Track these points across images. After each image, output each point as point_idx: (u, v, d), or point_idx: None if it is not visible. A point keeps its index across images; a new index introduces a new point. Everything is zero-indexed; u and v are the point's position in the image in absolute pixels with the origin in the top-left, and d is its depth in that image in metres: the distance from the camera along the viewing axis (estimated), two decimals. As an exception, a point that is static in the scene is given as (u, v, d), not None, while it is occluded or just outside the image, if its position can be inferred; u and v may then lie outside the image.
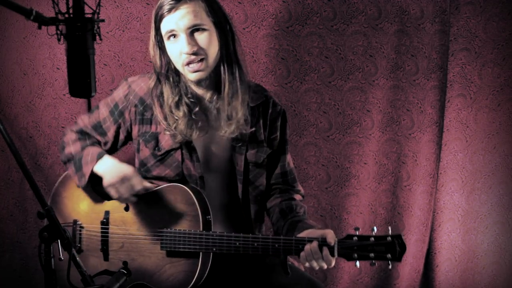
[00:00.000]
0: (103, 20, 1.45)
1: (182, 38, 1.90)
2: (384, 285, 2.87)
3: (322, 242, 1.83)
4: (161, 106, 2.00)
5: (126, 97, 2.04)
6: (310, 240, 1.84)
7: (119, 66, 2.60)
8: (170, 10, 1.89)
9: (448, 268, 2.88)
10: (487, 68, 2.74)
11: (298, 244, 1.85)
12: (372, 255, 1.82)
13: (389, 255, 1.81)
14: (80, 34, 1.40)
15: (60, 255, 1.56)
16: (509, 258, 2.89)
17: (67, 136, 2.14)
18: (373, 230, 1.85)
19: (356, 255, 1.82)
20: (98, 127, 2.09)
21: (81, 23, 1.40)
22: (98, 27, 1.43)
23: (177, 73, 1.99)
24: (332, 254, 1.83)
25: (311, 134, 2.72)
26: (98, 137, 2.11)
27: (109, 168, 1.98)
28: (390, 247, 1.81)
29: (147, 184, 1.97)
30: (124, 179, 1.94)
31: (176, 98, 1.97)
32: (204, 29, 1.91)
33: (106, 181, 1.97)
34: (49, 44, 2.57)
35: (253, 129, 2.04)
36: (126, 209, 2.01)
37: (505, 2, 2.69)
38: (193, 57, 1.90)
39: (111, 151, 2.14)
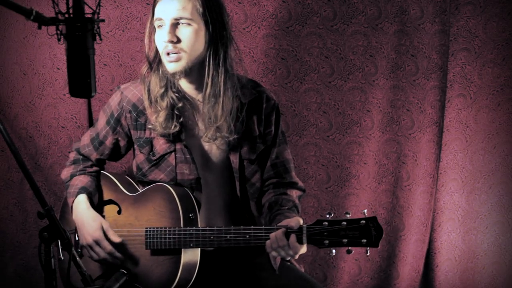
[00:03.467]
0: (103, 20, 1.44)
1: (166, 27, 1.90)
2: (384, 285, 2.87)
3: (290, 229, 1.76)
4: (149, 98, 2.01)
5: (120, 105, 2.05)
6: (278, 228, 1.79)
7: (119, 66, 2.60)
8: None
9: (448, 268, 2.88)
10: (487, 68, 2.74)
11: (268, 233, 1.80)
12: (345, 240, 1.70)
13: (364, 240, 1.69)
14: (80, 34, 1.40)
15: (60, 255, 1.56)
16: (509, 258, 2.89)
17: (70, 155, 2.21)
18: (347, 213, 1.73)
19: (327, 241, 1.71)
20: (95, 138, 2.12)
21: (81, 23, 1.40)
22: (98, 27, 1.43)
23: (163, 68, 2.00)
24: (300, 241, 1.75)
25: (311, 134, 2.72)
26: (94, 154, 2.13)
27: (80, 222, 2.02)
28: (365, 231, 1.68)
29: (116, 239, 1.98)
30: (92, 245, 1.98)
31: (162, 90, 1.98)
32: (189, 24, 1.90)
33: (80, 240, 2.03)
34: (49, 44, 2.57)
35: (235, 137, 2.00)
36: (119, 212, 2.04)
37: (505, 2, 2.69)
38: (170, 47, 1.89)
39: (115, 158, 2.18)
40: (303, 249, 1.79)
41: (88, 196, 2.05)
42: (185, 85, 2.02)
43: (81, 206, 2.03)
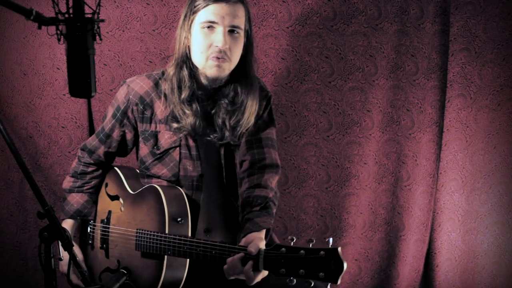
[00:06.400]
0: (103, 20, 1.45)
1: (219, 32, 1.91)
2: (384, 285, 2.87)
3: (249, 256, 1.66)
4: (169, 98, 2.01)
5: (126, 97, 2.06)
6: (239, 250, 1.69)
7: (119, 66, 2.60)
8: (218, 0, 1.91)
9: (448, 268, 2.88)
10: (487, 68, 2.74)
11: (230, 252, 1.72)
12: (301, 271, 1.56)
13: (321, 274, 1.53)
14: (80, 34, 1.40)
15: (60, 255, 1.57)
16: (509, 258, 2.89)
17: (74, 161, 2.22)
18: (309, 241, 1.59)
19: (283, 270, 1.59)
20: (101, 132, 2.13)
21: (81, 23, 1.40)
22: (98, 27, 1.43)
23: (191, 66, 2.00)
24: (256, 268, 1.65)
25: (311, 134, 2.72)
26: (101, 148, 2.14)
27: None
28: (323, 264, 1.53)
29: (75, 280, 2.01)
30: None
31: (191, 92, 1.99)
32: (238, 33, 1.95)
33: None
34: (49, 44, 2.57)
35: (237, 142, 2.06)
36: (122, 209, 2.05)
37: (505, 2, 2.69)
38: (222, 53, 1.92)
39: (122, 153, 2.18)
40: (261, 274, 1.69)
41: (82, 219, 2.14)
42: (209, 85, 2.02)
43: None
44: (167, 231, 1.88)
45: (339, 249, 1.53)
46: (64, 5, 1.40)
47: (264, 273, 1.69)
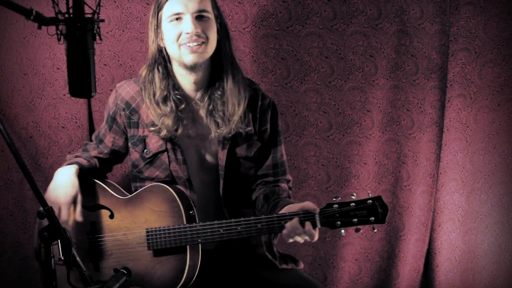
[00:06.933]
0: (103, 20, 1.45)
1: (186, 19, 1.92)
2: (384, 285, 2.87)
3: (304, 217, 1.83)
4: (149, 99, 2.01)
5: (114, 103, 2.08)
6: (292, 216, 1.83)
7: (119, 66, 2.60)
8: None
9: (448, 268, 2.88)
10: (487, 68, 2.74)
11: (280, 220, 1.85)
12: (355, 220, 1.82)
13: (372, 218, 1.81)
14: (80, 34, 1.40)
15: (60, 255, 1.56)
16: (509, 258, 2.89)
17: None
18: (352, 195, 1.85)
19: (339, 222, 1.82)
20: (97, 136, 2.16)
21: (81, 23, 1.40)
22: (98, 27, 1.43)
23: (166, 66, 2.00)
24: (314, 226, 1.83)
25: (311, 134, 2.72)
26: (93, 152, 2.14)
27: (56, 180, 2.01)
28: (372, 210, 1.81)
29: (79, 218, 1.98)
30: (53, 206, 1.93)
31: (164, 93, 1.98)
32: (208, 17, 1.95)
33: (47, 193, 2.01)
34: (49, 44, 2.57)
35: (250, 128, 2.04)
36: (111, 216, 2.02)
37: (505, 2, 2.69)
38: (194, 37, 1.92)
39: (117, 158, 2.18)
40: (317, 232, 1.86)
41: (81, 169, 2.04)
42: (187, 84, 2.02)
43: (67, 170, 2.02)
44: (185, 223, 1.90)
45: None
46: (64, 5, 1.40)
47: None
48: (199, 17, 1.93)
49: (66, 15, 1.40)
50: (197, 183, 2.05)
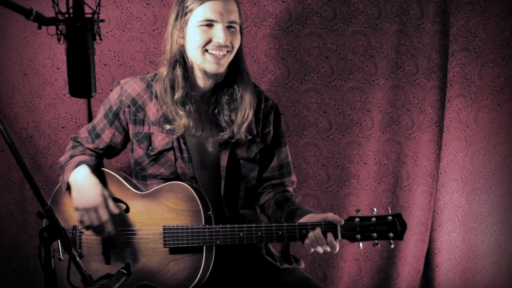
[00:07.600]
0: (103, 20, 1.45)
1: (219, 29, 1.92)
2: (384, 285, 2.87)
3: (326, 228, 1.85)
4: (162, 99, 2.00)
5: (119, 99, 2.06)
6: (313, 226, 1.86)
7: (119, 66, 2.60)
8: None
9: (448, 268, 2.88)
10: (487, 68, 2.74)
11: (302, 229, 1.87)
12: (374, 235, 1.86)
13: (391, 234, 1.85)
14: (80, 34, 1.40)
15: (60, 255, 1.56)
16: (509, 258, 2.89)
17: (68, 145, 2.20)
18: (372, 210, 1.88)
19: (359, 236, 1.86)
20: (92, 131, 2.13)
21: (81, 23, 1.40)
22: (98, 27, 1.43)
23: (185, 67, 2.00)
24: (336, 237, 1.86)
25: (311, 134, 2.72)
26: (90, 145, 2.13)
27: (78, 186, 1.99)
28: (392, 226, 1.85)
29: (115, 210, 1.97)
30: (90, 210, 1.95)
31: (185, 93, 1.99)
32: (235, 28, 1.97)
33: (74, 204, 1.99)
34: (49, 44, 2.57)
35: (254, 134, 2.07)
36: (127, 210, 2.01)
37: (505, 2, 2.69)
38: (223, 47, 1.93)
39: (110, 154, 2.17)
40: (338, 244, 1.89)
41: (89, 167, 2.03)
42: (202, 85, 2.02)
43: (82, 173, 2.00)
44: (203, 223, 1.91)
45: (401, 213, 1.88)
46: (64, 5, 1.40)
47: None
48: (229, 27, 1.95)
49: (66, 15, 1.40)
50: (199, 183, 2.05)
